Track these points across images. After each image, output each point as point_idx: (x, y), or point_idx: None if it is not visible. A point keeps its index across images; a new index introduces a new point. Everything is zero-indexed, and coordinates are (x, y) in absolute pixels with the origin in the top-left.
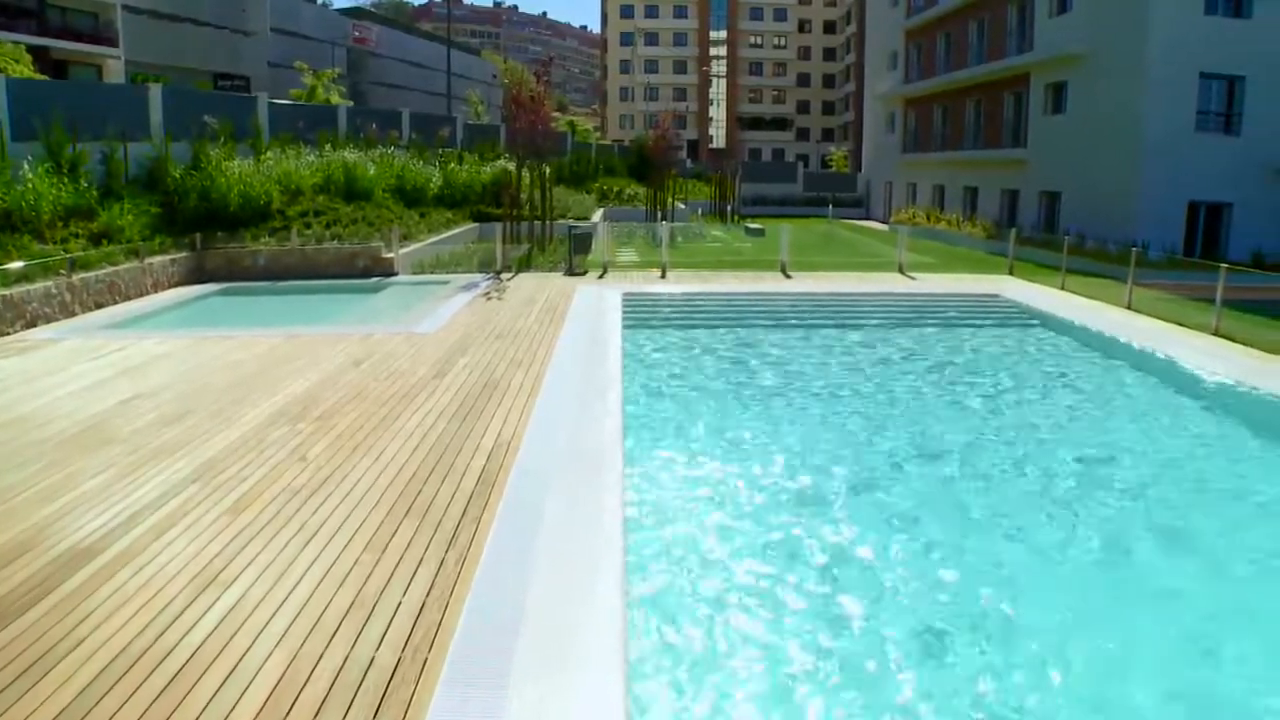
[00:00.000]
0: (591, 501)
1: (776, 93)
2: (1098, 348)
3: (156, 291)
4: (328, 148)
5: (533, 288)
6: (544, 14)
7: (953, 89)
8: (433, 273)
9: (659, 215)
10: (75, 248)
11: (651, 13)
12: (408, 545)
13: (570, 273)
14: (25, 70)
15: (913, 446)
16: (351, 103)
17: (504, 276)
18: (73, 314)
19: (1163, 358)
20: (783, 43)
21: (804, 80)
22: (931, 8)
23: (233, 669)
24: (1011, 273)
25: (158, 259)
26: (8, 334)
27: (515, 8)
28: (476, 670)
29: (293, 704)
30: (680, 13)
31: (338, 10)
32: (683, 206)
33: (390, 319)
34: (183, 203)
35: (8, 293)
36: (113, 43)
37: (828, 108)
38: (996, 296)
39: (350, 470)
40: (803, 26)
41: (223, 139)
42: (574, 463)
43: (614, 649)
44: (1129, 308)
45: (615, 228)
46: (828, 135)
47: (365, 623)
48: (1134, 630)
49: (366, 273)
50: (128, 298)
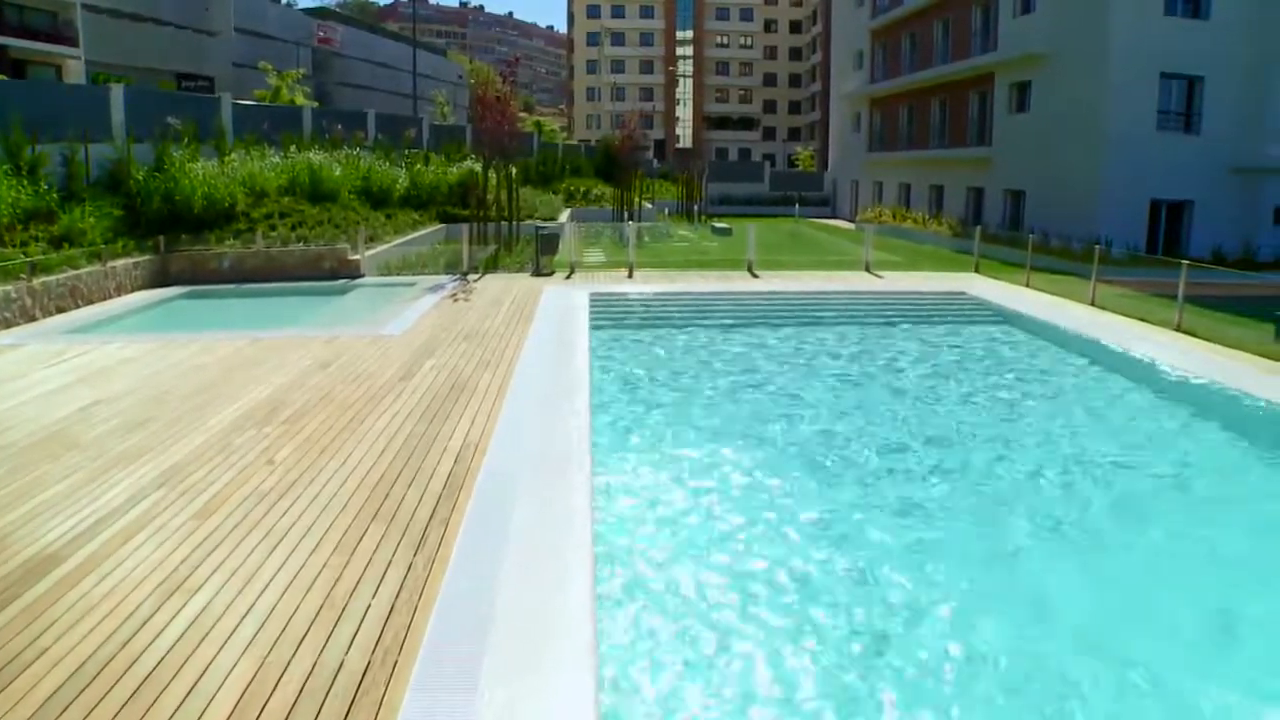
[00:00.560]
0: (560, 502)
1: (743, 92)
2: (1063, 344)
3: (119, 295)
4: (293, 149)
5: (500, 289)
6: (510, 14)
7: (918, 88)
8: (399, 274)
9: (626, 215)
10: (35, 251)
11: (618, 13)
12: (376, 548)
13: (537, 273)
14: None
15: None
16: (317, 103)
17: (471, 278)
18: (33, 319)
19: (1125, 353)
20: (749, 42)
21: (770, 80)
22: (896, 8)
23: (200, 676)
24: (977, 270)
25: (120, 262)
26: None
27: (481, 8)
28: (446, 673)
29: (261, 710)
30: (647, 13)
31: (302, 10)
32: (650, 206)
33: (357, 321)
34: (146, 205)
35: None
36: (72, 42)
37: (794, 107)
38: (963, 294)
39: (318, 474)
40: (769, 26)
41: (186, 140)
42: (542, 463)
43: (584, 650)
44: (1093, 304)
45: (582, 228)
46: (794, 135)
47: (334, 627)
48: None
49: (332, 275)
50: (90, 302)
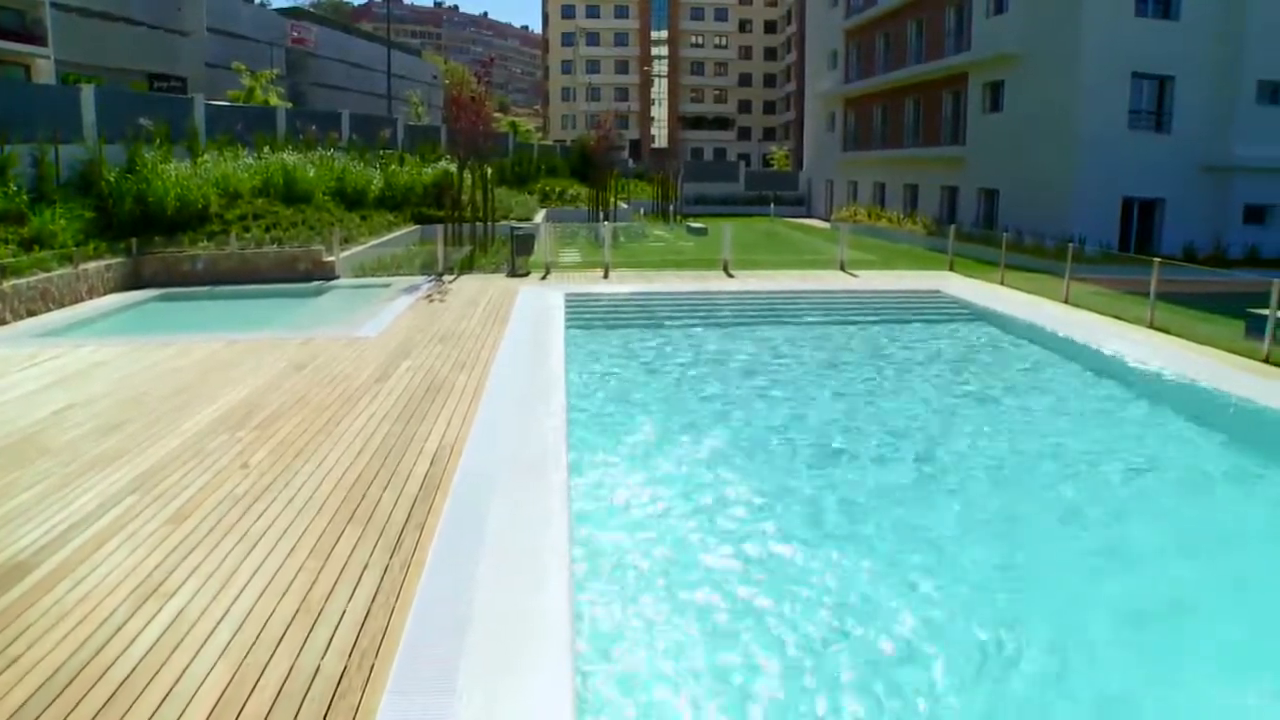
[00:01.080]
0: (536, 503)
1: (718, 92)
2: (1038, 342)
3: (92, 298)
4: (266, 150)
5: (475, 290)
6: (485, 14)
7: (892, 88)
8: (374, 275)
9: (601, 215)
10: (5, 254)
11: (593, 13)
12: (352, 551)
13: (513, 274)
14: None
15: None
16: (291, 104)
17: (446, 279)
18: (3, 322)
19: (1098, 350)
20: (724, 42)
21: (745, 79)
22: (870, 8)
23: (175, 682)
24: (952, 269)
25: (92, 265)
26: None
27: (456, 8)
28: (424, 675)
29: (237, 716)
30: (621, 13)
31: (276, 10)
32: (625, 206)
33: (332, 323)
34: (118, 207)
35: None
36: (41, 41)
37: (769, 107)
38: (938, 293)
39: (293, 477)
40: (744, 26)
41: (159, 141)
42: (518, 465)
43: (561, 651)
44: (1066, 302)
45: (558, 228)
46: (769, 134)
47: (310, 631)
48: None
49: (307, 276)
50: (61, 305)
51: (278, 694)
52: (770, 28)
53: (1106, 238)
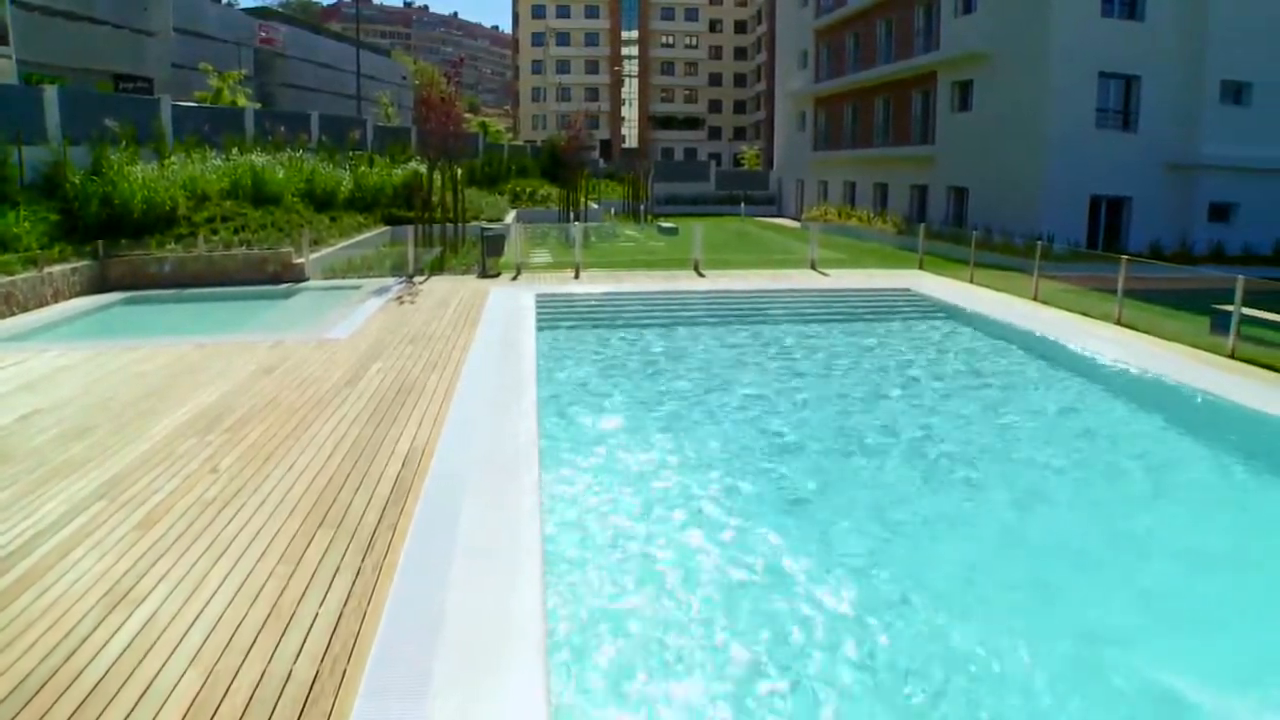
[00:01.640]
0: (509, 504)
1: (688, 92)
2: (1007, 338)
3: (57, 301)
4: (235, 151)
5: (446, 291)
6: (455, 14)
7: (862, 88)
8: (344, 277)
9: (572, 216)
10: None
11: (563, 13)
12: (323, 555)
13: (483, 275)
14: None
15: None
16: (259, 105)
17: (417, 280)
18: None
19: (1066, 346)
20: (694, 42)
21: (716, 79)
22: (840, 8)
23: (145, 690)
24: (922, 267)
25: (58, 268)
26: None
27: (426, 8)
28: (397, 679)
29: None
30: (592, 13)
31: (243, 10)
32: (596, 207)
33: (302, 325)
34: (83, 209)
35: None
36: (2, 40)
37: (739, 106)
38: (908, 291)
39: (263, 481)
40: (714, 26)
41: (125, 143)
42: (490, 465)
43: (534, 652)
44: (1035, 299)
45: (528, 229)
46: (740, 134)
47: (282, 636)
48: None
49: (276, 279)
50: (26, 309)
51: (249, 700)
52: (740, 28)
53: (1075, 235)
